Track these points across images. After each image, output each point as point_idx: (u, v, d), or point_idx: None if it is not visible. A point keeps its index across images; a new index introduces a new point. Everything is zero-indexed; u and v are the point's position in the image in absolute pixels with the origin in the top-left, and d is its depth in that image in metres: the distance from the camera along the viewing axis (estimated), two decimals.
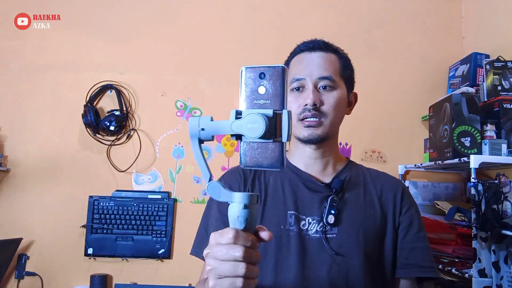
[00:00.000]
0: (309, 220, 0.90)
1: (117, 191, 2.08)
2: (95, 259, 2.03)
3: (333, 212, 0.89)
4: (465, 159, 1.59)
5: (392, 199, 0.95)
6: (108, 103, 2.14)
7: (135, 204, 2.05)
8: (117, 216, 2.03)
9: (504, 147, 1.62)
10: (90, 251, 2.00)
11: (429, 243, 0.95)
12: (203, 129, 0.55)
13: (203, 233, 0.95)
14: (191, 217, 1.99)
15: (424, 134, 2.16)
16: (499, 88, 1.72)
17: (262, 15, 2.25)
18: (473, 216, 1.49)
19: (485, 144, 1.64)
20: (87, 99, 2.08)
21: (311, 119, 0.91)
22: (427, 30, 2.27)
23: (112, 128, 2.03)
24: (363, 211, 0.92)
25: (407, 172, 2.14)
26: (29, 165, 2.07)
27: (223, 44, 2.21)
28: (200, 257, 0.93)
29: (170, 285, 2.01)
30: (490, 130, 1.66)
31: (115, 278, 2.04)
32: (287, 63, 1.01)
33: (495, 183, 1.48)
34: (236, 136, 0.54)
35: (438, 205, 1.86)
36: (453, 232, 1.65)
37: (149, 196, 2.08)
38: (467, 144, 1.67)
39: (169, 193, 2.11)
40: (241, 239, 0.54)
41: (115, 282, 2.03)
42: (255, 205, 0.55)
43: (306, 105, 0.91)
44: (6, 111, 2.11)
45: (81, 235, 2.03)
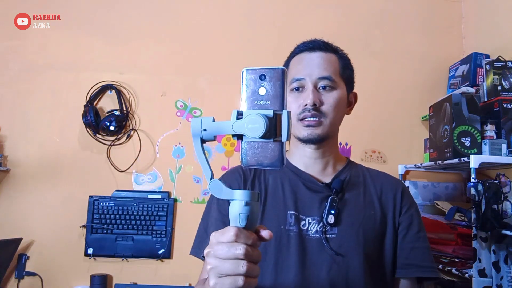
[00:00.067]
0: (309, 220, 0.90)
1: (117, 191, 2.08)
2: (95, 259, 2.03)
3: (333, 212, 0.89)
4: (465, 159, 1.59)
5: (392, 199, 0.95)
6: (108, 103, 2.15)
7: (135, 204, 2.05)
8: (117, 216, 2.03)
9: (504, 147, 1.62)
10: (90, 251, 2.00)
11: (429, 243, 0.96)
12: (205, 129, 0.56)
13: (202, 233, 0.95)
14: (191, 217, 1.98)
15: (424, 134, 2.16)
16: (499, 88, 1.72)
17: (262, 15, 2.25)
18: (473, 216, 1.49)
19: (485, 144, 1.64)
20: (87, 99, 2.08)
21: (311, 119, 0.91)
22: (427, 30, 2.28)
23: (112, 128, 2.03)
24: (363, 211, 0.92)
25: (407, 172, 2.14)
26: (29, 165, 2.08)
27: (223, 44, 2.21)
28: (200, 258, 0.93)
29: (170, 285, 2.01)
30: (490, 130, 1.66)
31: (115, 278, 2.04)
32: (287, 63, 1.01)
33: (495, 183, 1.48)
34: (237, 136, 0.55)
35: (438, 205, 1.86)
36: (453, 232, 1.65)
37: (149, 196, 2.08)
38: (467, 144, 1.67)
39: (169, 193, 2.11)
40: (242, 237, 0.54)
41: (115, 282, 2.03)
42: (256, 203, 0.56)
43: (306, 105, 0.91)
44: (6, 111, 2.11)
45: (81, 235, 2.03)
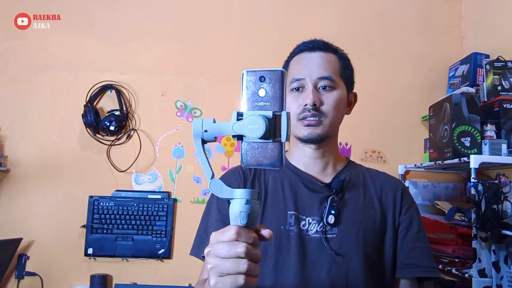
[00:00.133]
0: (309, 220, 0.90)
1: (117, 191, 2.08)
2: (95, 259, 2.03)
3: (333, 212, 0.89)
4: (465, 159, 1.59)
5: (392, 199, 0.95)
6: (108, 103, 2.15)
7: (135, 204, 2.05)
8: (117, 216, 2.03)
9: (504, 147, 1.62)
10: (90, 251, 2.00)
11: (429, 243, 0.96)
12: (206, 130, 0.57)
13: (202, 234, 0.95)
14: (191, 217, 1.98)
15: (424, 134, 2.16)
16: (499, 88, 1.72)
17: (262, 15, 2.25)
18: (473, 216, 1.49)
19: (485, 144, 1.64)
20: (87, 99, 2.08)
21: (311, 119, 0.91)
22: (427, 30, 2.28)
23: (112, 128, 2.03)
24: (363, 211, 0.92)
25: (407, 172, 2.14)
26: (29, 165, 2.08)
27: (223, 44, 2.21)
28: (200, 258, 0.93)
29: (170, 285, 2.01)
30: (490, 130, 1.66)
31: (115, 278, 2.04)
32: (287, 63, 1.01)
33: (495, 183, 1.48)
34: (237, 136, 0.56)
35: (438, 205, 1.86)
36: (453, 232, 1.65)
37: (149, 196, 2.08)
38: (467, 144, 1.67)
39: (169, 193, 2.11)
40: (243, 236, 0.55)
41: (115, 282, 2.03)
42: (256, 202, 0.56)
43: (306, 105, 0.91)
44: (6, 111, 2.11)
45: (81, 235, 2.03)
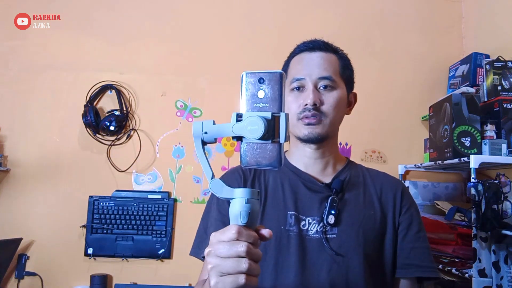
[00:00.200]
0: (309, 220, 0.90)
1: (117, 191, 2.08)
2: (95, 259, 2.03)
3: (333, 212, 0.89)
4: (465, 159, 1.59)
5: (392, 199, 0.95)
6: (108, 103, 2.15)
7: (135, 204, 2.05)
8: (117, 216, 2.03)
9: (504, 147, 1.62)
10: (90, 251, 2.00)
11: (429, 243, 0.96)
12: (206, 132, 0.57)
13: (202, 234, 0.95)
14: (191, 217, 1.98)
15: (424, 134, 2.16)
16: (499, 88, 1.72)
17: (262, 15, 2.25)
18: (473, 216, 1.49)
19: (485, 144, 1.64)
20: (87, 99, 2.08)
21: (311, 118, 0.91)
22: (427, 30, 2.27)
23: (112, 128, 2.03)
24: (363, 211, 0.92)
25: (407, 172, 2.14)
26: (29, 165, 2.08)
27: (223, 44, 2.21)
28: (200, 258, 0.93)
29: (170, 285, 2.01)
30: (490, 130, 1.66)
31: (115, 278, 2.04)
32: (287, 63, 1.01)
33: (495, 183, 1.48)
34: (237, 137, 0.56)
35: (438, 205, 1.86)
36: (453, 232, 1.65)
37: (149, 196, 2.08)
38: (467, 144, 1.67)
39: (169, 193, 2.11)
40: (243, 235, 0.55)
41: (115, 282, 2.03)
42: (256, 201, 0.57)
43: (306, 105, 0.91)
44: (6, 111, 2.11)
45: (81, 235, 2.03)
